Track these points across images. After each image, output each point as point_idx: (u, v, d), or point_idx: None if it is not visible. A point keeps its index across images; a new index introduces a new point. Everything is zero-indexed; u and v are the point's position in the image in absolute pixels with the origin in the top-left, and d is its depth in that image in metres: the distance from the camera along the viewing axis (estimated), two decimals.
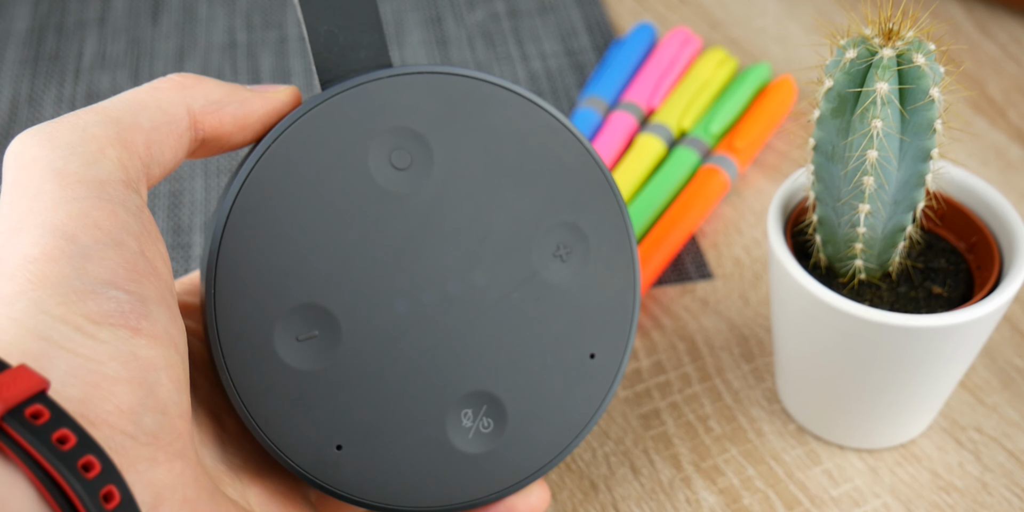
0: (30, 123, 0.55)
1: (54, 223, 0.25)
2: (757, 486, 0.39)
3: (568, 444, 0.33)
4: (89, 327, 0.24)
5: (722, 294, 0.46)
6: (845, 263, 0.36)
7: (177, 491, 0.25)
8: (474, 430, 0.32)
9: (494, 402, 0.32)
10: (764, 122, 0.51)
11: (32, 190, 0.25)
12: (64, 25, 0.61)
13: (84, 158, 0.26)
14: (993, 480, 0.39)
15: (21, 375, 0.22)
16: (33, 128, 0.27)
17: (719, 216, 0.49)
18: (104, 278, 0.25)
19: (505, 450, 0.32)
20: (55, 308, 0.24)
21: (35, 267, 0.24)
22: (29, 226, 0.25)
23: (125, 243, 0.25)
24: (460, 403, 0.32)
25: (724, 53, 0.55)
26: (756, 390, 0.42)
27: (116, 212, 0.26)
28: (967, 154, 0.51)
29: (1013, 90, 0.54)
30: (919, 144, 0.33)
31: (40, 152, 0.26)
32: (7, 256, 0.25)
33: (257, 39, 0.60)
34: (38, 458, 0.22)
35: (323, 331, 0.31)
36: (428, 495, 0.32)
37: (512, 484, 0.33)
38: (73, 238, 0.25)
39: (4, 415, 0.22)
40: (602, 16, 0.60)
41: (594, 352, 0.33)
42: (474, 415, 0.32)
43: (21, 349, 0.23)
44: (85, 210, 0.25)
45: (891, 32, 0.32)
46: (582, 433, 0.33)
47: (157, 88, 0.29)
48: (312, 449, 0.31)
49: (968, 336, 0.34)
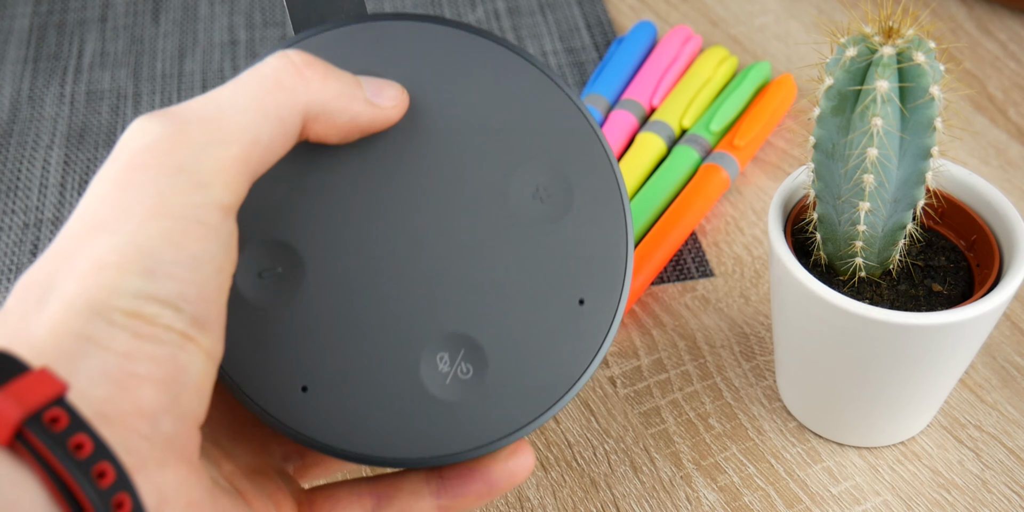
0: (31, 122, 0.55)
1: (138, 237, 0.25)
2: (757, 484, 0.39)
3: (558, 399, 0.31)
4: (142, 328, 0.24)
5: (723, 292, 0.46)
6: (845, 261, 0.36)
7: (182, 494, 0.25)
8: (451, 376, 0.30)
9: (473, 346, 0.30)
10: (764, 120, 0.51)
11: (130, 198, 0.25)
12: (65, 23, 0.61)
13: (194, 180, 0.25)
14: (993, 478, 0.39)
15: (42, 379, 0.22)
16: (164, 117, 0.26)
17: (720, 214, 0.49)
18: (175, 292, 0.25)
19: (486, 400, 0.30)
20: (112, 312, 0.24)
21: (106, 273, 0.24)
22: (111, 232, 0.25)
23: (204, 266, 0.25)
24: (436, 345, 0.30)
25: (725, 51, 0.55)
26: (756, 388, 0.42)
27: (207, 237, 0.25)
28: (967, 152, 0.51)
29: (1013, 88, 0.54)
30: (919, 142, 0.33)
31: (151, 160, 0.25)
32: (77, 256, 0.25)
33: (258, 37, 0.60)
34: (54, 464, 0.22)
35: (287, 268, 0.30)
36: (400, 444, 0.30)
37: (494, 440, 0.30)
38: (153, 254, 0.25)
39: (25, 420, 0.22)
40: (603, 14, 0.60)
41: (583, 298, 0.31)
42: (451, 359, 0.30)
43: (55, 347, 0.23)
44: (175, 230, 0.25)
45: (891, 30, 0.32)
46: (573, 388, 0.31)
47: (280, 84, 0.27)
48: (276, 390, 0.29)
49: (968, 334, 0.34)
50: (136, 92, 0.57)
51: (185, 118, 0.26)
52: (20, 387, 0.22)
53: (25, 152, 0.54)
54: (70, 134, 0.54)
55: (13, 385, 0.22)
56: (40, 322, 0.24)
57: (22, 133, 0.55)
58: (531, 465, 0.31)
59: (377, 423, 0.30)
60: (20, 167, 0.53)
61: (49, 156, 0.53)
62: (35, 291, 0.25)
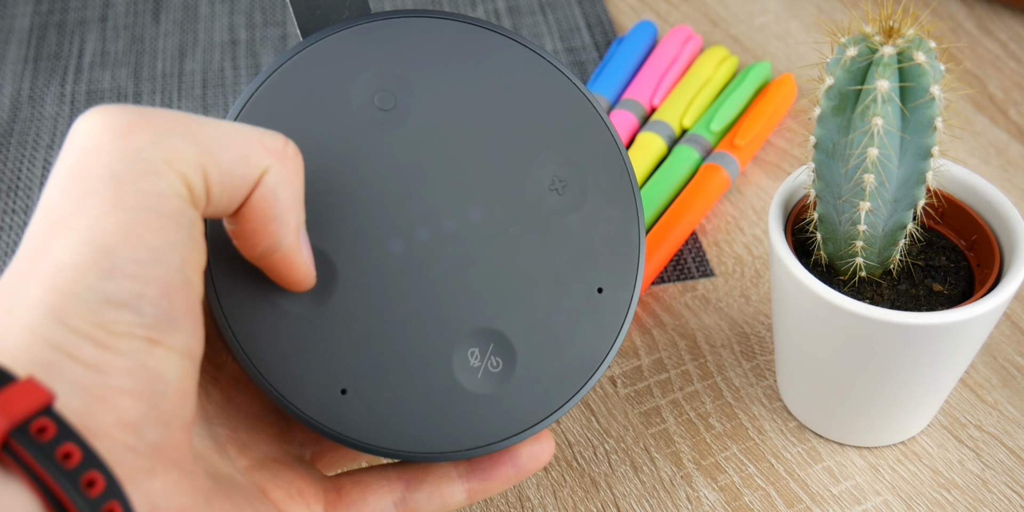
0: (31, 121, 0.55)
1: (95, 233, 0.24)
2: (758, 483, 0.39)
3: (583, 385, 0.32)
4: (104, 338, 0.23)
5: (723, 292, 0.46)
6: (846, 261, 0.36)
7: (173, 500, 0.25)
8: (483, 369, 0.31)
9: (501, 339, 0.31)
10: (765, 120, 0.51)
11: (86, 188, 0.24)
12: (65, 23, 0.61)
13: (148, 166, 0.24)
14: (993, 477, 0.39)
15: (28, 389, 0.22)
16: (113, 109, 0.25)
17: (720, 214, 0.49)
18: (133, 293, 0.24)
19: (517, 390, 0.31)
20: (73, 318, 0.23)
21: (63, 276, 0.24)
22: (69, 229, 0.24)
23: (165, 259, 0.24)
24: (466, 341, 0.31)
25: (725, 51, 0.55)
26: (757, 388, 0.42)
27: (166, 227, 0.24)
28: (967, 152, 0.51)
29: (1013, 88, 0.54)
30: (920, 142, 0.33)
31: (107, 144, 0.24)
32: (40, 257, 0.24)
33: (258, 37, 0.60)
34: (42, 474, 0.22)
35: (319, 273, 0.30)
36: (437, 439, 0.31)
37: (525, 428, 0.31)
38: (111, 251, 0.24)
39: (11, 431, 0.22)
40: (603, 14, 0.60)
41: (602, 286, 0.32)
42: (481, 354, 0.31)
43: (29, 357, 0.23)
44: (133, 223, 0.24)
45: (892, 30, 0.32)
46: (596, 373, 0.32)
47: (261, 141, 0.27)
48: (316, 394, 0.30)
49: (968, 334, 0.34)
50: (136, 92, 0.57)
51: (146, 109, 0.25)
52: (6, 398, 0.22)
53: (25, 152, 0.54)
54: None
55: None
56: (10, 331, 0.23)
57: (22, 133, 0.55)
58: (553, 447, 0.32)
59: (414, 420, 0.30)
60: (20, 167, 0.53)
61: (49, 156, 0.53)
62: (5, 297, 0.24)
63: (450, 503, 0.32)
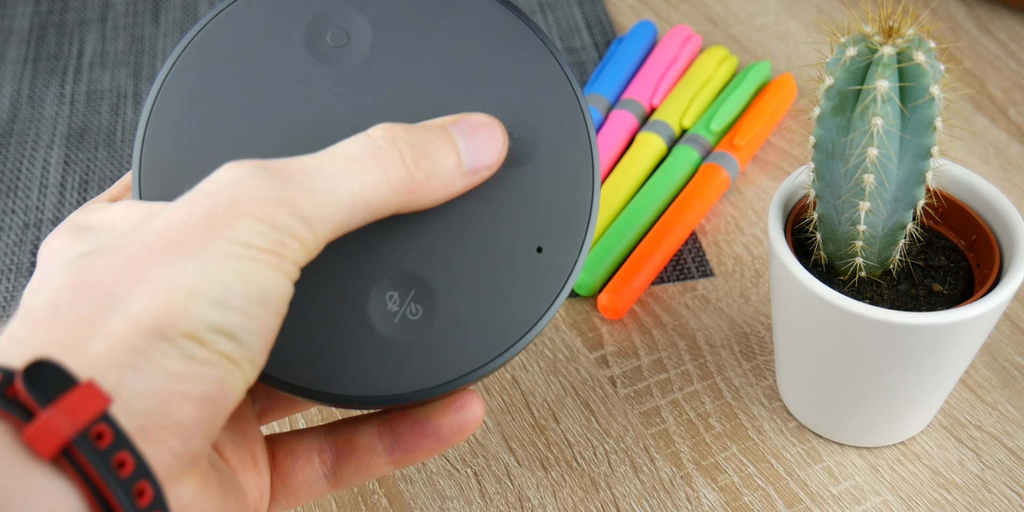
0: (31, 121, 0.55)
1: (217, 269, 0.25)
2: (757, 484, 0.39)
3: (507, 348, 0.30)
4: (195, 349, 0.24)
5: (723, 292, 0.46)
6: (845, 261, 0.36)
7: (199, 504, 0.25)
8: (400, 315, 0.30)
9: (423, 287, 0.30)
10: (765, 120, 0.51)
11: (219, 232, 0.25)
12: (65, 23, 0.61)
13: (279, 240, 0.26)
14: (993, 478, 0.39)
15: (89, 393, 0.22)
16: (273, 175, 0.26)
17: (720, 214, 0.49)
18: (239, 326, 0.25)
19: (435, 342, 0.30)
20: (171, 333, 0.24)
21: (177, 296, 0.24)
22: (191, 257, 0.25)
23: (272, 303, 0.25)
24: (385, 284, 0.30)
25: (725, 51, 0.55)
26: (756, 388, 0.42)
27: (279, 282, 0.25)
28: (967, 152, 0.51)
29: (1013, 88, 0.54)
30: (919, 142, 0.33)
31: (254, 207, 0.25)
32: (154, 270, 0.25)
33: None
34: (98, 481, 0.22)
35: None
36: (348, 381, 0.30)
37: (440, 383, 0.30)
38: (227, 287, 0.25)
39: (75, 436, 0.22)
40: (603, 14, 0.60)
41: (541, 246, 0.31)
42: (401, 299, 0.30)
43: (108, 357, 0.23)
44: (253, 271, 0.25)
45: (891, 30, 0.32)
46: (524, 338, 0.30)
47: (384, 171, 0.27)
48: None
49: (968, 334, 0.34)
50: (136, 92, 0.57)
51: (301, 179, 0.26)
52: (70, 402, 0.22)
53: (25, 152, 0.54)
54: (70, 134, 0.54)
55: (64, 400, 0.22)
56: (101, 334, 0.24)
57: (22, 133, 0.55)
58: (479, 417, 0.31)
59: (326, 359, 0.30)
60: (20, 167, 0.53)
61: (49, 156, 0.53)
62: (96, 294, 0.24)
63: (377, 473, 0.32)
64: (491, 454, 0.41)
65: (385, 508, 0.39)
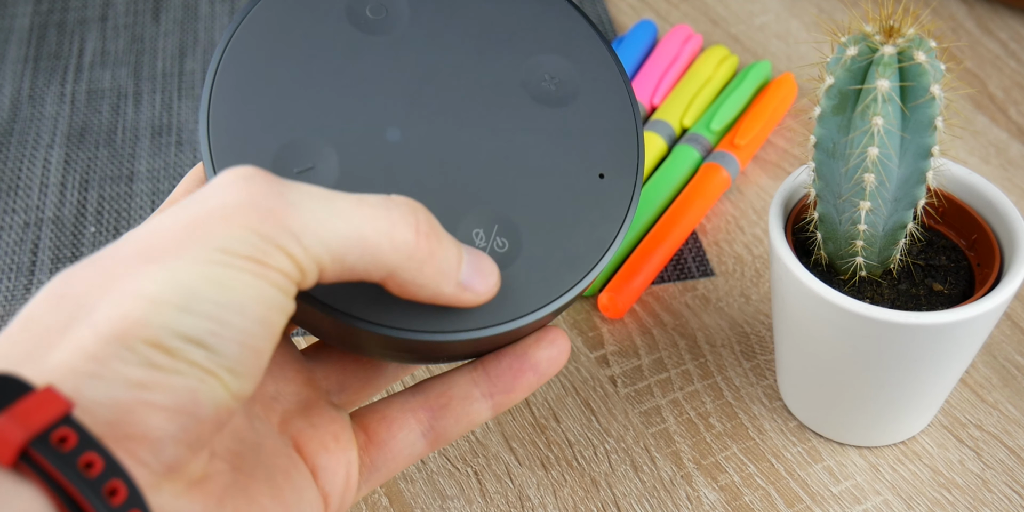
0: (31, 121, 0.55)
1: (185, 275, 0.24)
2: (758, 483, 0.39)
3: (590, 269, 0.32)
4: (158, 358, 0.23)
5: (723, 291, 0.46)
6: (846, 260, 0.36)
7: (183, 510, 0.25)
8: (489, 249, 0.31)
9: (505, 221, 0.32)
10: (765, 119, 0.51)
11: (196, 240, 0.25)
12: (65, 22, 0.61)
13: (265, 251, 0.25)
14: (993, 477, 0.39)
15: (47, 398, 0.22)
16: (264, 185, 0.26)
17: (720, 213, 0.49)
18: (207, 331, 0.24)
19: (524, 271, 0.31)
20: (135, 342, 0.23)
21: (140, 303, 0.24)
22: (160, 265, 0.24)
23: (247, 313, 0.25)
24: (470, 222, 0.31)
25: (725, 50, 0.55)
26: (757, 387, 0.42)
27: (260, 287, 0.25)
28: (968, 151, 0.51)
29: (1014, 87, 0.54)
30: (920, 141, 0.33)
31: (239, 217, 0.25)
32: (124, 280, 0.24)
33: None
34: (64, 484, 0.22)
35: (319, 163, 0.31)
36: (444, 320, 0.30)
37: (537, 308, 0.31)
38: (193, 292, 0.24)
39: (30, 441, 0.22)
40: (603, 13, 0.60)
41: (603, 172, 0.33)
42: (487, 234, 0.31)
43: (67, 365, 0.23)
44: (226, 277, 0.24)
45: (892, 29, 0.32)
46: (603, 258, 0.32)
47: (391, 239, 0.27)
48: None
49: (969, 333, 0.34)
50: (137, 91, 0.57)
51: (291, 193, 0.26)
52: (23, 408, 0.22)
53: (25, 151, 0.54)
54: (70, 133, 0.54)
55: (16, 407, 0.22)
56: (66, 343, 0.24)
57: (22, 132, 0.55)
58: (568, 348, 0.32)
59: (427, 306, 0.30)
60: (20, 166, 0.53)
61: (50, 155, 0.53)
62: (68, 305, 0.24)
63: (476, 420, 0.32)
64: (491, 453, 0.41)
65: (385, 507, 0.39)
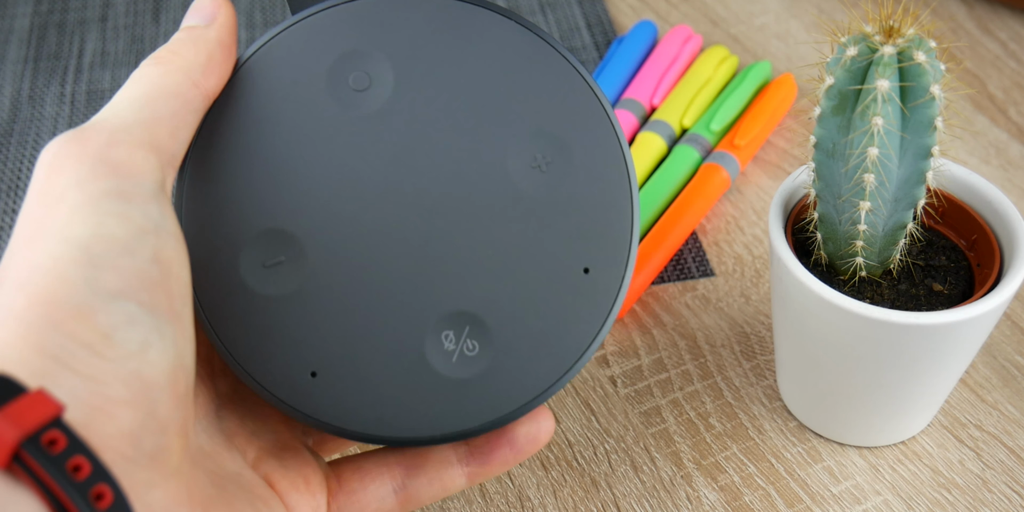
0: (31, 121, 0.55)
1: (67, 234, 0.25)
2: (758, 483, 0.39)
3: (569, 367, 0.31)
4: (97, 344, 0.24)
5: (723, 291, 0.46)
6: (846, 260, 0.36)
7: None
8: (458, 353, 0.30)
9: (477, 322, 0.31)
10: (765, 119, 0.51)
11: (52, 199, 0.25)
12: (65, 23, 0.61)
13: (109, 166, 0.26)
14: (993, 477, 0.39)
15: (39, 400, 0.22)
16: (65, 134, 0.27)
17: (720, 213, 0.49)
18: (114, 289, 0.24)
19: (496, 374, 0.30)
20: (65, 323, 0.24)
21: (46, 279, 0.24)
22: (43, 237, 0.25)
23: (137, 251, 0.25)
24: (439, 325, 0.30)
25: (725, 51, 0.55)
26: (757, 388, 0.42)
27: (132, 219, 0.25)
28: (968, 152, 0.51)
29: (1014, 88, 0.54)
30: (920, 141, 0.33)
31: (67, 162, 0.26)
32: (20, 266, 0.25)
33: (258, 36, 0.60)
34: (52, 486, 0.22)
35: (289, 256, 0.30)
36: (413, 424, 0.30)
37: (508, 412, 0.30)
38: (85, 248, 0.25)
39: (22, 442, 0.22)
40: (603, 13, 0.60)
41: (588, 266, 0.31)
42: (456, 337, 0.30)
43: (30, 368, 0.23)
44: (101, 220, 0.25)
45: (892, 29, 0.32)
46: (584, 355, 0.31)
47: (159, 76, 0.29)
48: (286, 377, 0.30)
49: (969, 333, 0.34)
50: None
51: (84, 127, 0.27)
52: (17, 409, 0.22)
53: (25, 152, 0.54)
54: None
55: (10, 407, 0.22)
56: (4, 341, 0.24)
57: (22, 133, 0.55)
58: (551, 427, 0.32)
59: (387, 404, 0.30)
60: (20, 167, 0.53)
61: None
62: None
63: (450, 487, 0.32)
64: None
65: None
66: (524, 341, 0.31)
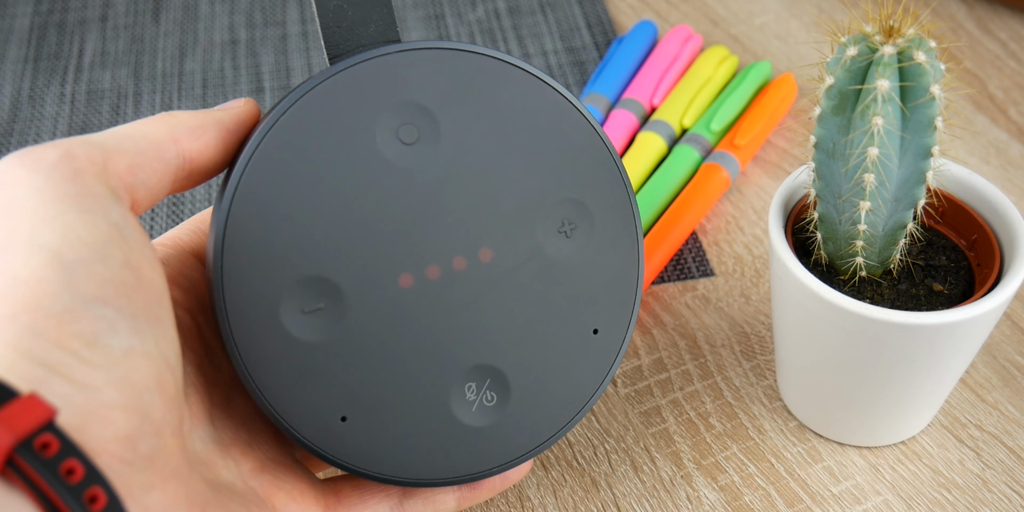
0: (31, 121, 0.55)
1: (39, 241, 0.25)
2: (758, 483, 0.39)
3: (569, 420, 0.34)
4: (84, 351, 0.24)
5: (723, 291, 0.46)
6: (846, 260, 0.36)
7: None
8: (477, 403, 0.33)
9: (498, 376, 0.33)
10: (765, 119, 0.51)
11: (15, 208, 0.25)
12: (65, 23, 0.61)
13: (64, 174, 0.26)
14: (993, 477, 0.39)
15: (31, 404, 0.22)
16: (19, 151, 0.27)
17: (720, 213, 0.49)
18: (92, 295, 0.24)
19: (508, 424, 0.33)
20: (50, 331, 0.24)
21: (26, 288, 0.24)
22: (15, 245, 0.25)
23: (110, 256, 0.25)
24: (464, 376, 0.32)
25: (725, 51, 0.55)
26: (757, 387, 0.42)
27: (97, 224, 0.26)
28: (968, 151, 0.51)
29: (1014, 87, 0.54)
30: (920, 141, 0.33)
31: (22, 172, 0.26)
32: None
33: (258, 36, 0.60)
34: (46, 490, 0.22)
35: (329, 304, 0.31)
36: (431, 467, 0.32)
37: (514, 458, 0.33)
38: (59, 255, 0.25)
39: (15, 446, 0.22)
40: (603, 13, 0.60)
41: (597, 328, 0.34)
42: (478, 388, 0.33)
43: (21, 376, 0.23)
44: (68, 225, 0.25)
45: (892, 29, 0.32)
46: (583, 409, 0.34)
47: (141, 122, 0.29)
48: (317, 420, 0.31)
49: (969, 333, 0.34)
50: (136, 91, 0.57)
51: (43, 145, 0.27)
52: (10, 413, 0.22)
53: None
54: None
55: (3, 412, 0.22)
56: None
57: (22, 133, 0.55)
58: (526, 469, 0.35)
59: (410, 449, 0.32)
60: None
61: None
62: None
63: (442, 509, 0.34)
64: None
65: None
66: (536, 395, 0.33)
